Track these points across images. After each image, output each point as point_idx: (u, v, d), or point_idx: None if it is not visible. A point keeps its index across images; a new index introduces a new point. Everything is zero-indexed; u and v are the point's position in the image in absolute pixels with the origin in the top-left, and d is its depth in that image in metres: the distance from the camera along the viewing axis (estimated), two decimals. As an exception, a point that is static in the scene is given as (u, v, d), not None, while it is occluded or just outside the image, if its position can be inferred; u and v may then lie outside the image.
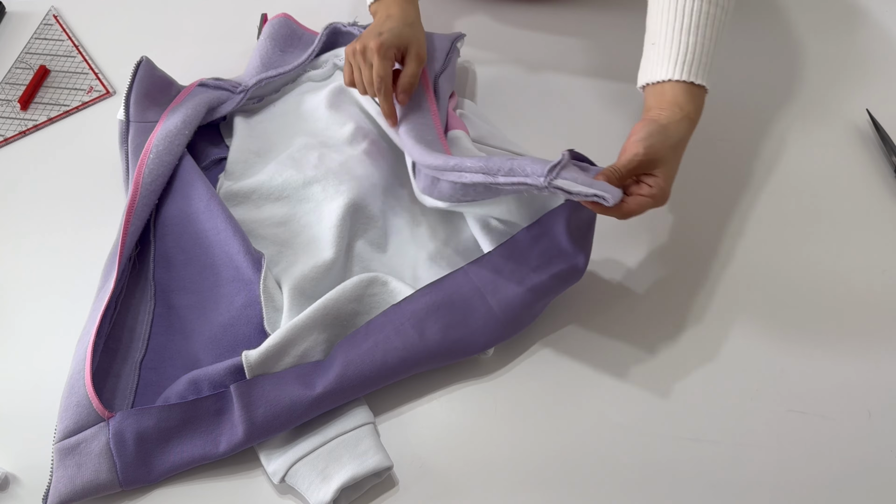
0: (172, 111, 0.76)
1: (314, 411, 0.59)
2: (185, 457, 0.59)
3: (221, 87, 0.81)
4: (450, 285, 0.64)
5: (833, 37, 0.91)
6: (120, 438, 0.58)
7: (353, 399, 0.61)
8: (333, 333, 0.63)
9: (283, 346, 0.60)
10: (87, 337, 0.63)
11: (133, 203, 0.70)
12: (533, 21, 0.93)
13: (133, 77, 0.78)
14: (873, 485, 0.58)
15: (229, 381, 0.60)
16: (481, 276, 0.64)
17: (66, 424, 0.59)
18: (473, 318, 0.62)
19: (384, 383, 0.61)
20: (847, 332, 0.66)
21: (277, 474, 0.58)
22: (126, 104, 0.77)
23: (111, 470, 0.58)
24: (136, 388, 0.63)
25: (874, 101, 0.83)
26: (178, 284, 0.68)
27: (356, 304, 0.64)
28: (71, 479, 0.57)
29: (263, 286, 0.65)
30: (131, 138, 0.75)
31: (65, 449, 0.58)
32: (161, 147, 0.73)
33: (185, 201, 0.71)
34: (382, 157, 0.76)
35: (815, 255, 0.71)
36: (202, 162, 0.77)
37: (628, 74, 0.86)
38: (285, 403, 0.58)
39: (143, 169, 0.71)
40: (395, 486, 0.59)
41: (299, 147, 0.77)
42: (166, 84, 0.81)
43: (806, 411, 0.62)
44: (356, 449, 0.58)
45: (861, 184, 0.76)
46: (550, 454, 0.60)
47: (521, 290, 0.63)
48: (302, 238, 0.70)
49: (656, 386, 0.63)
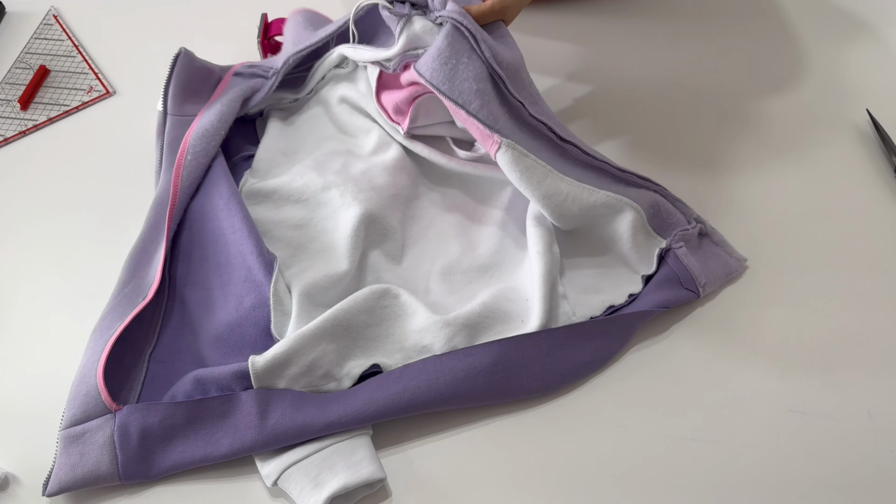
0: (209, 107, 0.76)
1: (321, 433, 0.58)
2: (187, 457, 0.58)
3: (256, 74, 0.81)
4: (498, 354, 0.61)
5: (833, 37, 0.91)
6: (124, 432, 0.58)
7: None
8: (343, 345, 0.62)
9: (290, 354, 0.60)
10: (106, 330, 0.63)
11: (173, 206, 0.70)
12: (527, 26, 0.93)
13: (171, 69, 0.78)
14: (873, 485, 0.58)
15: (235, 385, 0.60)
16: (532, 352, 0.62)
17: (73, 413, 0.59)
18: (509, 389, 0.62)
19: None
20: (847, 333, 0.66)
21: (270, 477, 0.57)
22: (164, 96, 0.77)
23: (112, 462, 0.58)
24: (144, 379, 0.63)
25: (874, 101, 0.83)
26: (192, 279, 0.68)
27: (367, 315, 0.64)
28: (72, 467, 0.57)
29: (273, 289, 0.64)
30: (168, 131, 0.76)
31: (70, 437, 0.58)
32: (198, 148, 0.73)
33: (207, 197, 0.71)
34: (405, 168, 0.76)
35: (814, 255, 0.71)
36: (234, 156, 0.78)
37: (627, 77, 0.86)
38: (298, 422, 0.58)
39: (182, 171, 0.72)
40: (387, 498, 0.58)
41: (326, 152, 0.77)
42: (206, 73, 0.81)
43: (806, 411, 0.62)
44: (351, 458, 0.57)
45: (861, 184, 0.76)
46: (548, 457, 0.60)
47: (566, 369, 0.63)
48: (317, 244, 0.70)
49: (656, 386, 0.63)
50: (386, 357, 0.63)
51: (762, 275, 0.70)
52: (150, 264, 0.68)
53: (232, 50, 0.90)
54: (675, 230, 0.69)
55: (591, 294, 0.68)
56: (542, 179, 0.65)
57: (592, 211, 0.66)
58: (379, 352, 0.63)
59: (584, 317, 0.66)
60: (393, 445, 0.61)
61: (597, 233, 0.69)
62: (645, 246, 0.68)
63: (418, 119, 0.74)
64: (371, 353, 0.63)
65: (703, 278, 0.67)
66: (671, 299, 0.66)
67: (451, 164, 0.74)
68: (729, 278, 0.69)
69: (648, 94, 0.84)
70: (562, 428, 0.61)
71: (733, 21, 0.93)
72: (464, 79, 0.64)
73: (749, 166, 0.78)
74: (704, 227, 0.71)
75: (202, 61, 0.82)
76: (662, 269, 0.68)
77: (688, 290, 0.67)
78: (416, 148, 0.75)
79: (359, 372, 0.62)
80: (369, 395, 0.60)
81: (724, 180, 0.77)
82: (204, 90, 0.80)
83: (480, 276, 0.70)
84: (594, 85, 0.86)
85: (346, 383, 0.61)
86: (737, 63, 0.87)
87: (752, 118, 0.82)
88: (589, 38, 0.91)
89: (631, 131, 0.81)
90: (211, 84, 0.81)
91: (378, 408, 0.59)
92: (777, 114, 0.83)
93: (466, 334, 0.63)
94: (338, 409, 0.59)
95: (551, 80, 0.86)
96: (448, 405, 0.60)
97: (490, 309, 0.65)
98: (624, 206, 0.67)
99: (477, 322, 0.64)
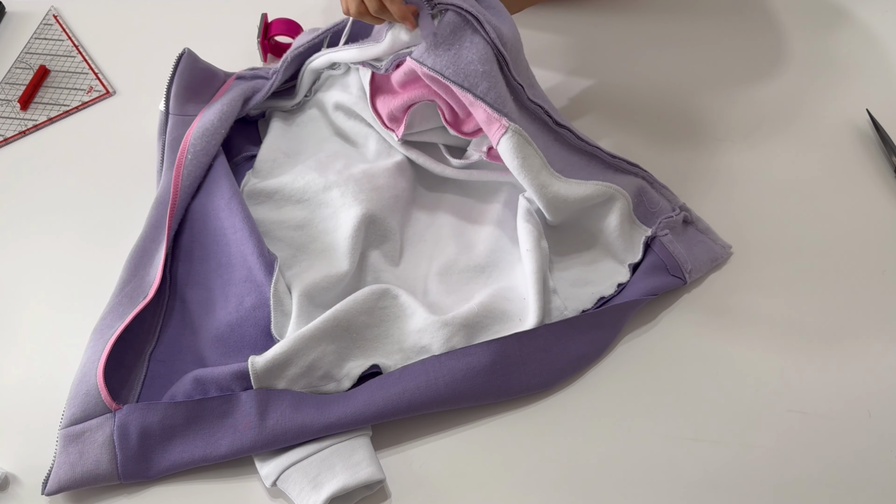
0: (210, 106, 0.76)
1: (321, 433, 0.59)
2: (186, 457, 0.58)
3: (258, 76, 0.81)
4: (496, 353, 0.62)
5: (833, 37, 0.91)
6: (124, 431, 0.58)
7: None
8: (342, 345, 0.63)
9: (290, 355, 0.60)
10: (107, 330, 0.63)
11: (174, 205, 0.70)
12: (527, 22, 0.93)
13: (174, 69, 0.79)
14: (873, 485, 0.58)
15: (235, 385, 0.60)
16: (529, 349, 0.63)
17: (73, 411, 0.59)
18: (508, 387, 0.62)
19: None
20: (847, 332, 0.66)
21: (269, 478, 0.57)
22: (167, 96, 0.77)
23: (112, 462, 0.58)
24: (144, 379, 0.63)
25: (874, 101, 0.83)
26: (193, 279, 0.69)
27: (366, 316, 0.64)
28: (72, 466, 0.57)
29: (274, 289, 0.64)
30: (169, 131, 0.76)
31: (70, 436, 0.58)
32: (198, 147, 0.73)
33: (208, 197, 0.71)
34: (405, 171, 0.76)
35: (815, 255, 0.71)
36: (235, 157, 0.78)
37: (628, 77, 0.86)
38: (298, 422, 0.58)
39: (182, 171, 0.72)
40: (387, 499, 0.58)
41: (329, 153, 0.77)
42: (209, 75, 0.81)
43: (806, 411, 0.62)
44: (350, 459, 0.57)
45: (861, 184, 0.76)
46: (549, 457, 0.60)
47: (564, 363, 0.63)
48: (318, 245, 0.70)
49: (656, 386, 0.63)
50: (385, 357, 0.63)
51: (762, 275, 0.70)
52: (150, 264, 0.68)
53: (232, 50, 0.90)
54: (660, 218, 0.70)
55: (581, 287, 0.68)
56: (539, 170, 0.65)
57: (585, 202, 0.67)
58: (378, 352, 0.63)
59: (576, 310, 0.66)
60: (392, 446, 0.61)
61: (584, 224, 0.70)
62: (630, 234, 0.69)
63: (413, 125, 0.74)
64: (370, 354, 0.63)
65: (688, 264, 0.67)
66: (659, 286, 0.66)
67: (445, 172, 0.75)
68: (715, 264, 0.69)
69: (648, 94, 0.84)
70: (561, 428, 0.61)
71: (732, 21, 0.92)
72: (468, 61, 0.63)
73: (749, 166, 0.78)
74: (689, 214, 0.72)
75: (206, 63, 0.82)
76: (649, 256, 0.68)
77: (674, 277, 0.67)
78: (412, 155, 0.76)
79: (358, 373, 0.62)
80: (369, 397, 0.60)
81: (725, 180, 0.77)
82: (206, 91, 0.80)
83: (478, 275, 0.70)
84: (589, 80, 0.86)
85: (346, 384, 0.62)
86: (736, 63, 0.87)
87: (753, 118, 0.82)
88: (583, 33, 0.91)
89: (631, 132, 0.81)
90: (214, 86, 0.81)
91: (377, 409, 0.59)
92: (777, 114, 0.83)
93: (465, 334, 0.63)
94: (337, 410, 0.59)
95: (546, 73, 0.86)
96: (447, 405, 0.60)
97: (488, 308, 0.65)
98: (614, 192, 0.68)
99: (475, 322, 0.64)
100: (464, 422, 0.62)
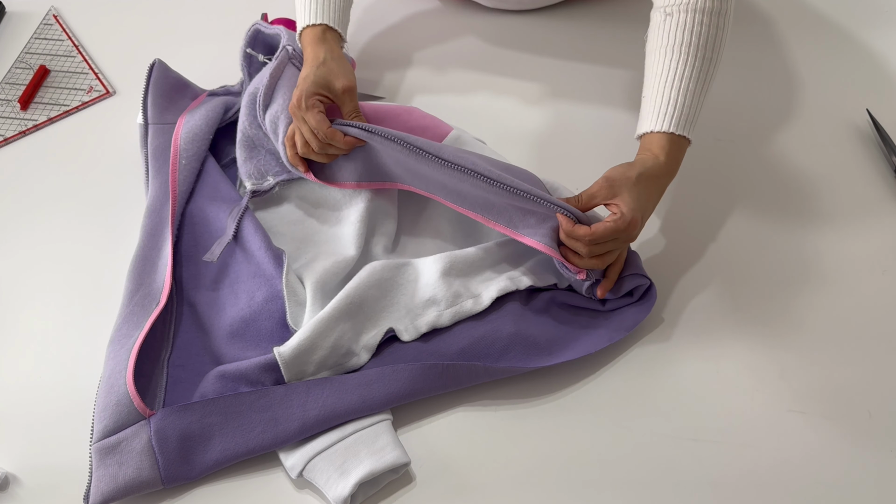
0: (191, 112, 0.77)
1: (364, 413, 0.60)
2: (228, 453, 0.59)
3: (230, 93, 0.82)
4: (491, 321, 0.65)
5: (833, 37, 0.91)
6: (162, 436, 0.58)
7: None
8: (358, 321, 0.64)
9: (314, 339, 0.61)
10: (125, 339, 0.63)
11: (174, 210, 0.71)
12: (522, 38, 0.93)
13: (147, 80, 0.79)
14: (873, 485, 0.58)
15: (264, 377, 0.61)
16: (522, 324, 0.65)
17: (105, 424, 0.59)
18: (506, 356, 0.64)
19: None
20: (847, 332, 0.66)
21: (295, 469, 0.58)
22: (144, 107, 0.78)
23: (153, 467, 0.58)
24: (165, 385, 0.63)
25: (874, 101, 0.83)
26: (199, 282, 0.69)
27: (376, 289, 0.65)
28: (113, 477, 0.57)
29: (286, 281, 0.66)
30: (150, 139, 0.76)
31: (105, 448, 0.58)
32: (190, 151, 0.74)
33: (207, 199, 0.72)
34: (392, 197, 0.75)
35: (815, 255, 0.71)
36: (222, 160, 0.79)
37: (625, 77, 0.86)
38: (339, 409, 0.60)
39: (178, 176, 0.73)
40: (412, 482, 0.59)
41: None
42: (181, 85, 0.82)
43: (806, 411, 0.62)
44: (374, 444, 0.58)
45: (861, 184, 0.76)
46: (549, 456, 0.60)
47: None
48: (321, 235, 0.72)
49: (656, 386, 0.63)
50: (396, 322, 0.65)
51: (762, 275, 0.70)
52: (155, 271, 0.68)
53: (232, 50, 0.90)
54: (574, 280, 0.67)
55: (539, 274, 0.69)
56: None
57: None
58: (388, 319, 0.65)
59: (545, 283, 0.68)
60: (413, 429, 0.62)
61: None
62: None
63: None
64: (381, 323, 0.65)
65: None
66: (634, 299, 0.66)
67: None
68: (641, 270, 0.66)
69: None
70: (562, 428, 0.61)
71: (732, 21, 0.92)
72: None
73: (749, 166, 0.78)
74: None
75: (176, 73, 0.83)
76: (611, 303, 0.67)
77: (641, 276, 0.66)
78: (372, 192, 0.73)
79: (375, 342, 0.63)
80: (409, 373, 0.61)
81: (724, 179, 0.77)
82: (181, 100, 0.81)
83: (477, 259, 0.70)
84: (589, 79, 0.86)
85: (365, 356, 0.63)
86: (737, 63, 0.87)
87: (752, 117, 0.82)
88: (584, 34, 0.91)
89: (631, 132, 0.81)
90: (187, 95, 0.82)
91: (416, 387, 0.61)
92: (777, 114, 0.83)
93: (462, 281, 0.66)
94: (376, 390, 0.61)
95: (547, 72, 0.87)
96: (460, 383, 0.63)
97: (488, 250, 0.68)
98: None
99: (476, 263, 0.67)
100: (486, 411, 0.62)
